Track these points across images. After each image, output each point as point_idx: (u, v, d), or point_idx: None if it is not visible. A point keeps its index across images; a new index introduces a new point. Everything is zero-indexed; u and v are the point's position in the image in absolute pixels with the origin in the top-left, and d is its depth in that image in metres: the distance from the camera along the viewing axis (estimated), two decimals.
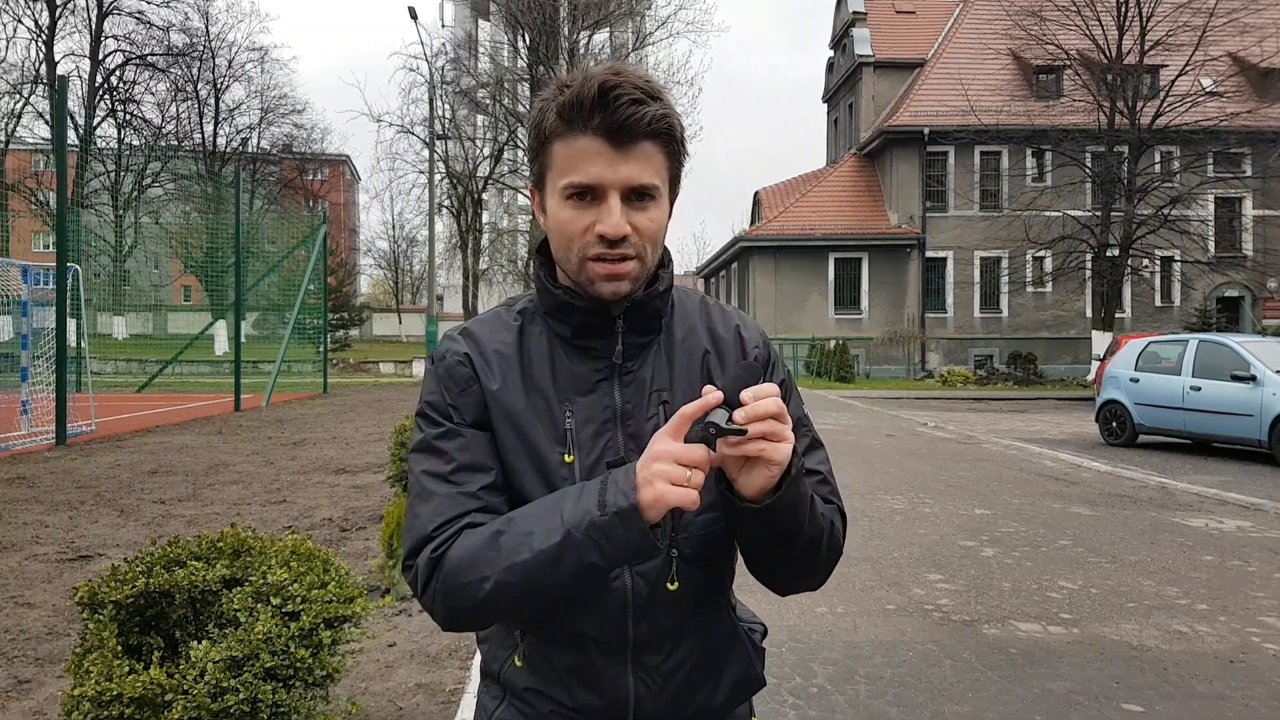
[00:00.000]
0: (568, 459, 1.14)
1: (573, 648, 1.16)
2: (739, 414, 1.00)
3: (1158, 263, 27.81)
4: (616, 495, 1.01)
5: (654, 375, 1.19)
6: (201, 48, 42.64)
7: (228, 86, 44.62)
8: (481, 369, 1.18)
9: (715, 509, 1.18)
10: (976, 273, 30.75)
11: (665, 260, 1.21)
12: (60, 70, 36.46)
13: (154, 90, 42.19)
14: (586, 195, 1.10)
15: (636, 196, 1.11)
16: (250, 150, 45.45)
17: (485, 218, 43.60)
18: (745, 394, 1.00)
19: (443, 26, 41.47)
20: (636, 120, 1.08)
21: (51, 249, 13.52)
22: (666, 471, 0.98)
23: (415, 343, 45.87)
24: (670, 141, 1.13)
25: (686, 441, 1.01)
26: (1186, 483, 9.41)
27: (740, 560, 1.29)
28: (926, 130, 29.69)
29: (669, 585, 1.16)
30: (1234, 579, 5.61)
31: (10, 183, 32.27)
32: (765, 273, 31.02)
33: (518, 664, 1.19)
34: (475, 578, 1.06)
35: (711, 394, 1.00)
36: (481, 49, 40.61)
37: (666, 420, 1.16)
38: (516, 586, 1.05)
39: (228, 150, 44.74)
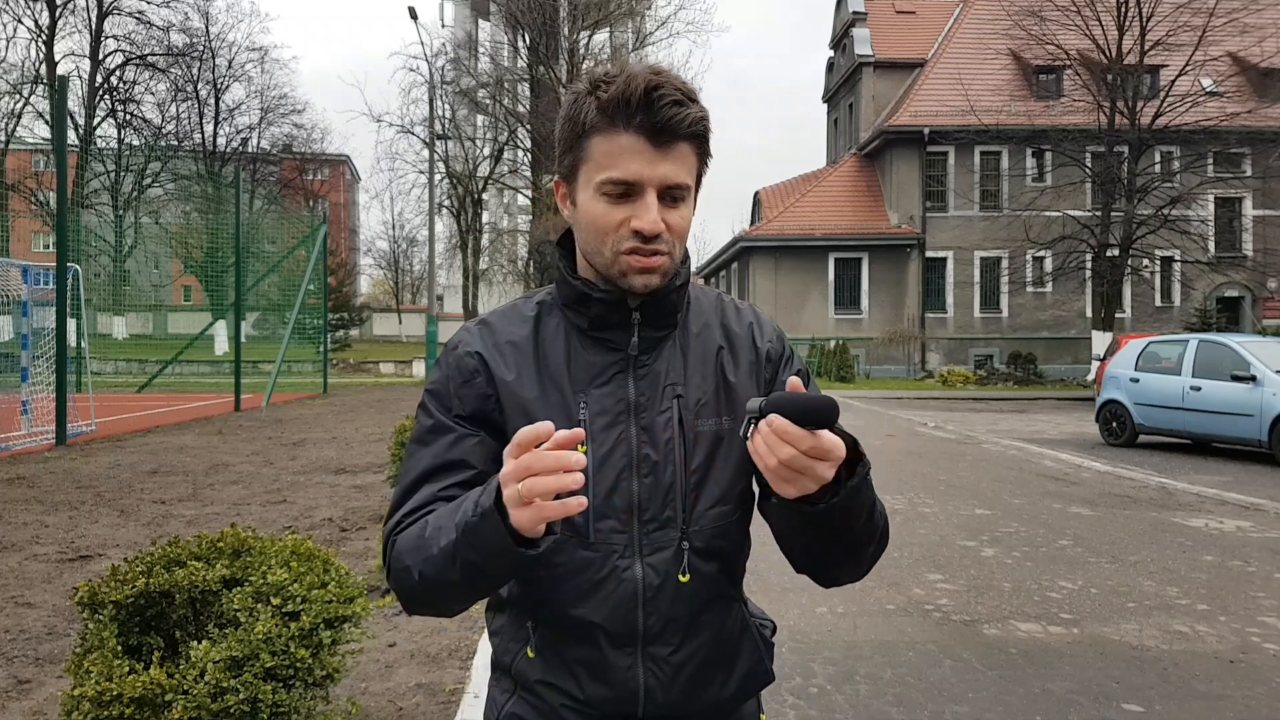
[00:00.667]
0: (581, 449, 1.15)
1: (583, 639, 1.16)
2: (763, 424, 0.98)
3: (1158, 263, 27.79)
4: (486, 495, 1.00)
5: (668, 369, 1.21)
6: (201, 48, 42.68)
7: (228, 86, 44.69)
8: (494, 361, 1.20)
9: (727, 502, 1.20)
10: (976, 273, 30.74)
11: (684, 257, 1.24)
12: (60, 70, 36.47)
13: (154, 90, 42.25)
14: (624, 190, 1.12)
15: (670, 195, 1.13)
16: (250, 150, 45.47)
17: (485, 218, 43.65)
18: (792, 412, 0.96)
19: (443, 26, 41.53)
20: (678, 121, 1.10)
21: (51, 249, 13.52)
22: (512, 493, 0.95)
23: (415, 343, 45.85)
24: (703, 144, 1.16)
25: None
26: (1186, 483, 9.41)
27: (747, 560, 1.30)
28: (926, 130, 29.68)
29: (680, 577, 1.16)
30: (1234, 579, 5.61)
31: (10, 183, 32.28)
32: (765, 273, 31.02)
33: (530, 655, 1.20)
34: (406, 565, 1.10)
35: (542, 425, 0.95)
36: (481, 49, 40.65)
37: (680, 414, 1.18)
38: (430, 580, 1.07)
39: (228, 150, 44.75)
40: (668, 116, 1.09)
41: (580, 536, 1.15)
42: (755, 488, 1.24)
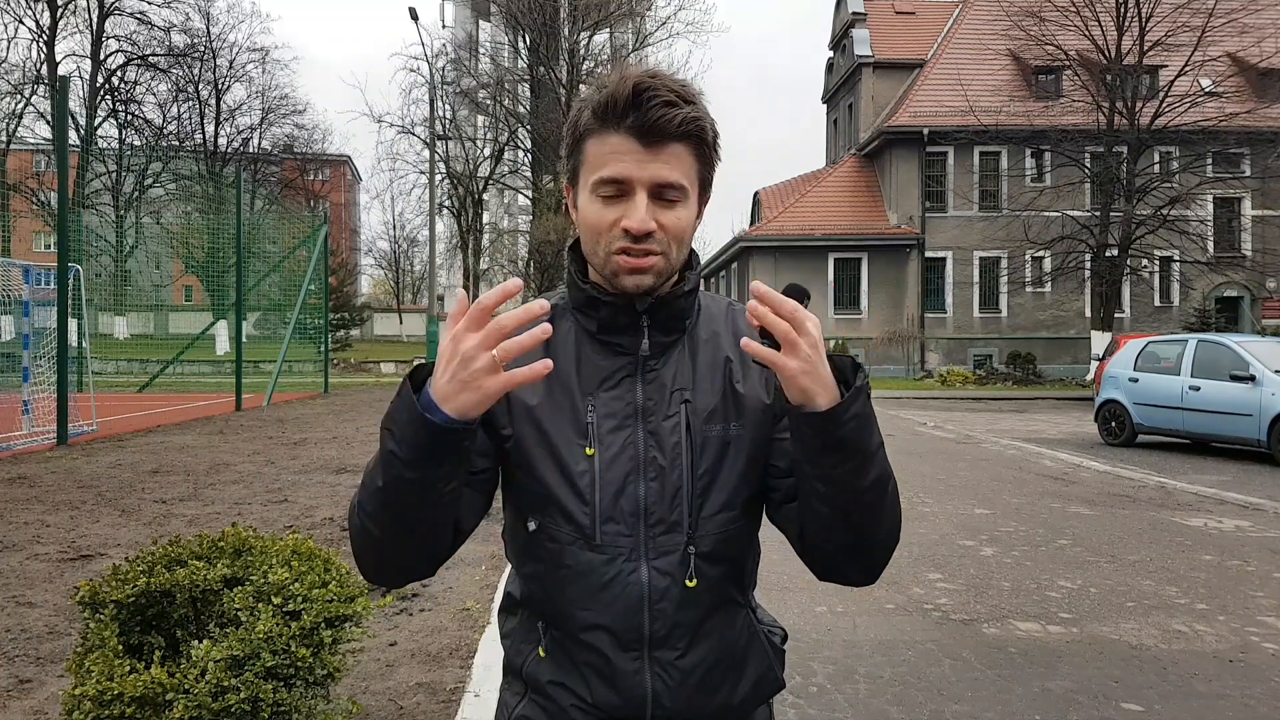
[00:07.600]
0: (589, 451, 1.16)
1: (591, 642, 1.17)
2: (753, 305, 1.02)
3: (1157, 263, 27.80)
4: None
5: (676, 374, 1.21)
6: (203, 48, 42.71)
7: (229, 87, 44.71)
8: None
9: (734, 507, 1.20)
10: (976, 273, 30.74)
11: (693, 262, 1.24)
12: (61, 71, 36.51)
13: (155, 90, 42.29)
14: (615, 191, 1.13)
15: (664, 195, 1.13)
16: (251, 150, 45.48)
17: (486, 218, 43.68)
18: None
19: (443, 27, 41.55)
20: (667, 121, 1.10)
21: (53, 249, 13.54)
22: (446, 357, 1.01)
23: (416, 343, 45.86)
24: (700, 145, 1.15)
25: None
26: (1186, 482, 9.42)
27: (757, 569, 1.30)
28: (926, 130, 29.67)
29: (687, 581, 1.17)
30: (1233, 578, 5.62)
31: (11, 183, 32.28)
32: (765, 273, 30.99)
33: (541, 655, 1.21)
34: (354, 503, 1.14)
35: (511, 282, 1.01)
36: (482, 50, 40.70)
37: (688, 419, 1.18)
38: (367, 504, 1.10)
39: (229, 150, 44.76)
40: (656, 116, 1.10)
41: (587, 539, 1.16)
42: (771, 494, 1.24)
